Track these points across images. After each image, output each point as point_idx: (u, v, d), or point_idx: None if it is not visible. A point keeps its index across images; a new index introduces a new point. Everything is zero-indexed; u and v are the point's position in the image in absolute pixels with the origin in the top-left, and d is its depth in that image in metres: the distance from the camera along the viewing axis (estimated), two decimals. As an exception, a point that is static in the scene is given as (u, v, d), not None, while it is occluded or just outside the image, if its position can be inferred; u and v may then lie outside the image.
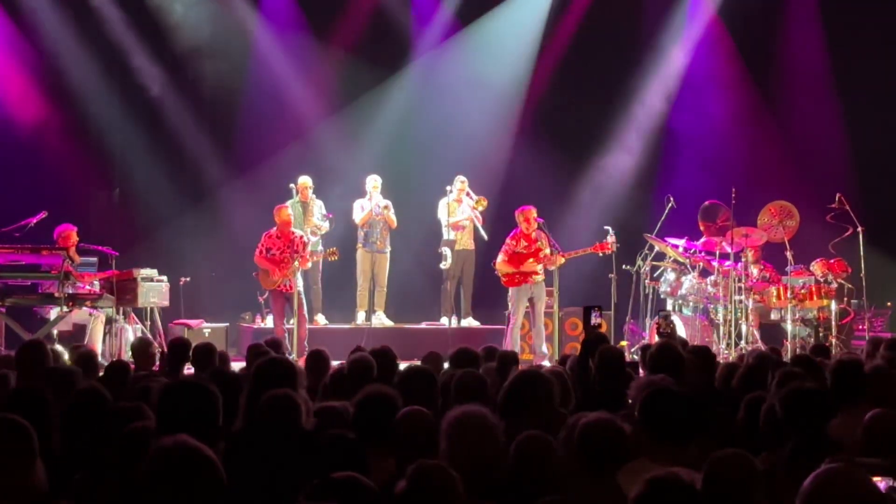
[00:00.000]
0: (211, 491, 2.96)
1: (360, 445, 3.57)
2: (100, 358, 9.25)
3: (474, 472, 3.73)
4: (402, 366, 6.31)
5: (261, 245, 11.67)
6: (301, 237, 11.77)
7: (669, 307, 12.21)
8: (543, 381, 4.80)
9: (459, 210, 12.88)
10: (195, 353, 7.05)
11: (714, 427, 4.64)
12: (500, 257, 11.75)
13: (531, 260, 11.58)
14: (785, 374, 5.49)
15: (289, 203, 12.36)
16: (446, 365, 6.78)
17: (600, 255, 11.59)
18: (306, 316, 11.78)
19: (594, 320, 7.91)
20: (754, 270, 12.12)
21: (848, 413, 4.73)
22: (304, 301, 11.69)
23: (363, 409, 4.30)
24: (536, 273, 11.62)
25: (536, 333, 11.67)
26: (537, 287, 11.65)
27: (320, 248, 12.51)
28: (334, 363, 6.75)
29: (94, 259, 11.39)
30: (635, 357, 9.84)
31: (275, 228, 11.72)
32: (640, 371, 6.73)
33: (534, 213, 11.66)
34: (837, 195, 11.97)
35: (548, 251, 11.58)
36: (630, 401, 5.28)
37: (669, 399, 4.29)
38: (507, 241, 11.76)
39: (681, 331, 11.42)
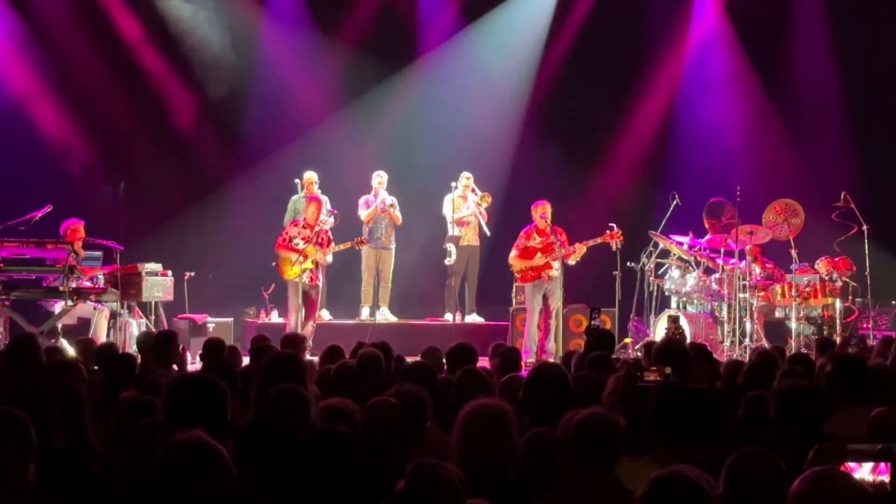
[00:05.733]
0: (223, 487, 2.97)
1: (351, 439, 3.53)
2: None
3: (487, 466, 3.73)
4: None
5: (284, 233, 11.65)
6: (327, 231, 11.75)
7: (674, 305, 12.19)
8: (562, 377, 4.78)
9: (464, 206, 12.87)
10: (205, 348, 7.06)
11: (716, 426, 4.63)
12: (513, 252, 11.57)
13: (544, 255, 11.39)
14: (785, 372, 5.50)
15: (294, 198, 12.34)
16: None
17: (611, 243, 11.39)
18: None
19: (594, 322, 8.14)
20: (757, 269, 12.11)
21: (848, 410, 4.73)
22: (319, 297, 11.71)
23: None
24: (550, 268, 11.42)
25: (547, 330, 11.50)
26: (552, 283, 11.41)
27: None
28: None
29: (99, 253, 11.39)
30: (639, 354, 9.85)
31: (302, 219, 11.71)
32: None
33: (549, 208, 11.49)
34: (843, 193, 11.96)
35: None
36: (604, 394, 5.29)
37: (675, 399, 4.28)
38: (520, 235, 11.58)
39: (686, 329, 11.41)
